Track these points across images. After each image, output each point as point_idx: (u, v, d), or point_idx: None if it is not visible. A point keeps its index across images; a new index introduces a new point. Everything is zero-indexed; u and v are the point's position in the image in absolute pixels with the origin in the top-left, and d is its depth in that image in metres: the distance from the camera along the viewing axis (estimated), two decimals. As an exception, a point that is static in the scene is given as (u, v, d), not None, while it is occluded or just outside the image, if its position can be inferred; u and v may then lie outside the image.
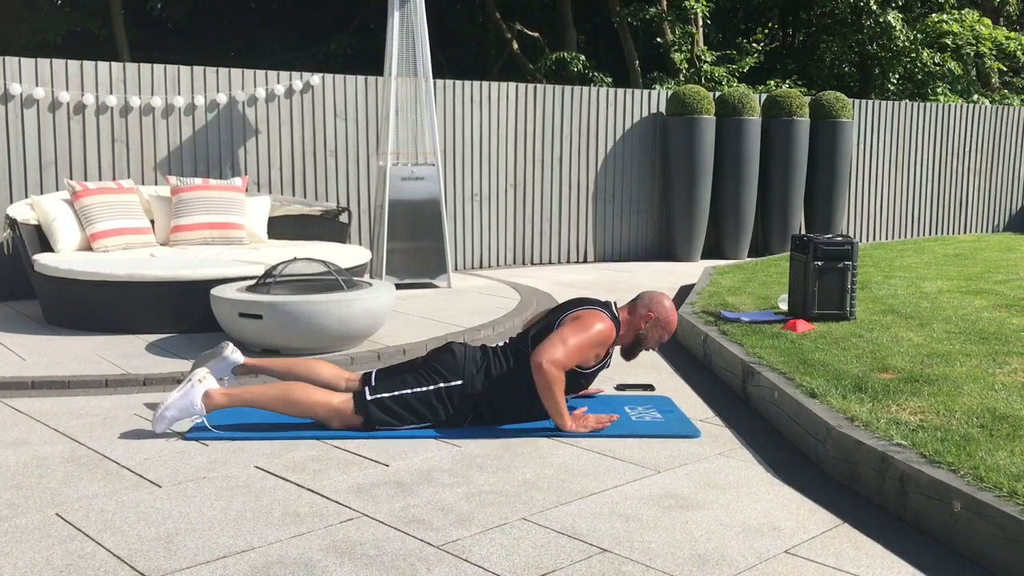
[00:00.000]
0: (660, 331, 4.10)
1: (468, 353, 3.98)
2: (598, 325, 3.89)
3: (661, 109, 10.65)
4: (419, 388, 3.88)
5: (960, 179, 12.75)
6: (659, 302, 4.09)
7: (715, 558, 2.71)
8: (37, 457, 3.60)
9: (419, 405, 3.87)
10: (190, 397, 3.78)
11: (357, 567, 2.64)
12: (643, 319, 4.06)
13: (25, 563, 2.65)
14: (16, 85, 7.20)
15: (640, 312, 4.07)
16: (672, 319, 4.10)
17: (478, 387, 3.89)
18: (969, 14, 16.27)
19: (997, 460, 3.00)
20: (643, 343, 4.11)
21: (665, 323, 4.09)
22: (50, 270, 6.01)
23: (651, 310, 4.07)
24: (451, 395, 3.89)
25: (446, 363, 3.93)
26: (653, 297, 4.11)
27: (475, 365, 3.94)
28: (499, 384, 3.91)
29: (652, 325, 4.07)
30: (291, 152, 8.45)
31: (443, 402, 3.88)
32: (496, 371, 3.93)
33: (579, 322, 3.89)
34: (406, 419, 3.87)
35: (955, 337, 5.15)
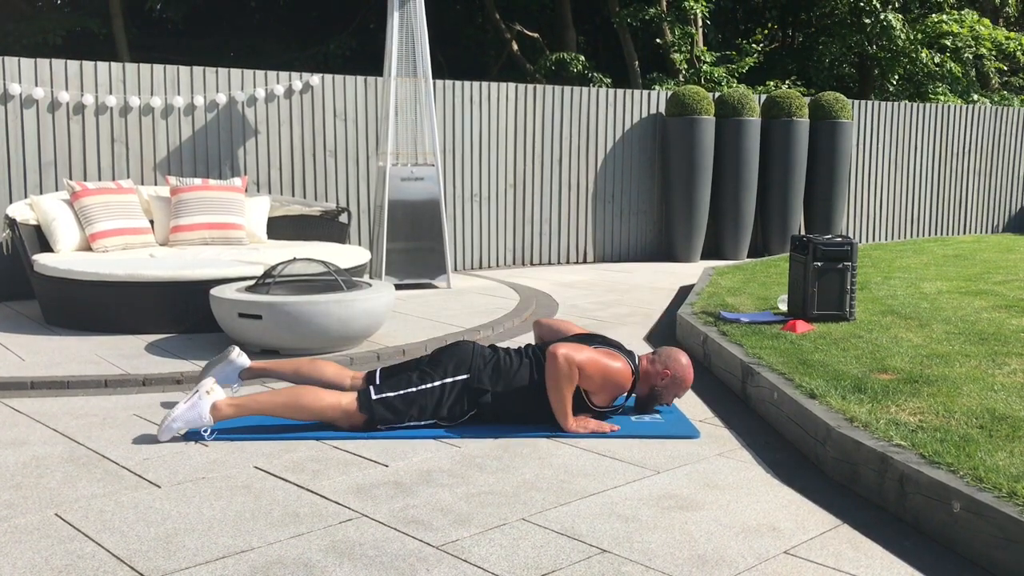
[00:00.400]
0: (676, 388, 4.13)
1: (477, 349, 4.00)
2: (618, 364, 3.94)
3: (661, 110, 10.66)
4: (424, 385, 3.88)
5: (959, 180, 12.76)
6: (676, 359, 4.11)
7: (714, 559, 2.71)
8: (36, 457, 3.60)
9: (424, 401, 3.87)
10: (197, 409, 3.76)
11: (356, 567, 2.64)
12: (660, 376, 4.08)
13: (24, 563, 2.65)
14: (16, 85, 7.19)
15: (658, 369, 4.09)
16: (688, 377, 4.13)
17: (485, 383, 3.90)
18: (968, 15, 16.28)
19: (996, 461, 3.00)
20: (659, 399, 4.14)
21: (682, 381, 4.12)
22: (49, 270, 6.01)
23: (668, 367, 4.09)
24: (456, 390, 3.89)
25: (454, 357, 3.94)
26: (671, 355, 4.13)
27: (483, 360, 3.95)
28: (506, 382, 3.92)
29: (669, 382, 4.09)
30: (291, 152, 8.45)
31: (447, 397, 3.88)
32: (504, 368, 3.95)
33: (603, 352, 3.94)
34: (410, 416, 3.87)
35: (954, 338, 5.15)
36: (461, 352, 3.98)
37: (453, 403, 3.90)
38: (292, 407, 3.80)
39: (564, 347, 3.82)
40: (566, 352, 3.79)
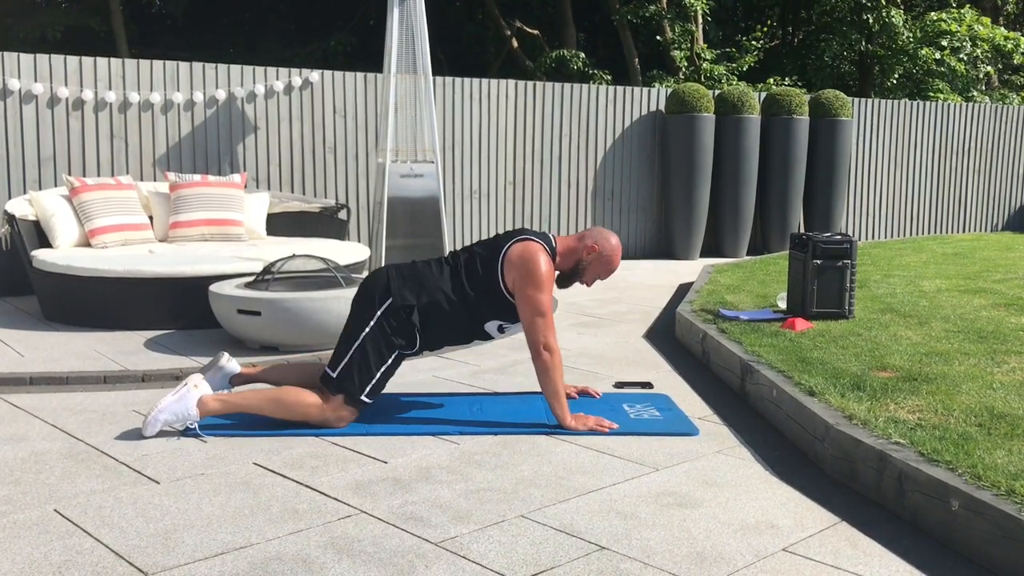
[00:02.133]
0: (600, 267, 4.06)
1: (391, 270, 3.95)
2: (543, 262, 3.85)
3: (660, 107, 10.65)
4: (364, 330, 3.84)
5: (959, 178, 12.76)
6: (606, 238, 4.06)
7: (713, 556, 2.71)
8: (35, 453, 3.60)
9: (374, 343, 3.83)
10: (184, 402, 3.77)
11: (355, 564, 2.64)
12: (587, 250, 4.03)
13: (23, 559, 2.65)
14: (15, 81, 7.19)
15: (586, 243, 4.04)
16: (615, 258, 4.07)
17: (408, 298, 3.86)
18: (968, 13, 16.27)
19: (995, 459, 3.00)
20: (580, 274, 4.08)
21: (608, 260, 4.05)
22: (48, 266, 6.01)
23: (596, 243, 4.04)
24: (389, 317, 3.85)
25: (374, 290, 3.89)
26: (602, 232, 4.09)
27: (401, 278, 3.90)
28: (428, 292, 3.87)
29: (595, 258, 4.04)
30: (290, 149, 8.44)
31: (388, 327, 3.84)
32: (423, 277, 3.90)
33: (530, 272, 3.82)
34: (374, 365, 3.83)
35: (954, 336, 5.15)
36: (375, 281, 3.92)
37: (396, 330, 3.85)
38: (277, 403, 3.82)
39: (533, 337, 3.79)
40: (542, 344, 3.79)
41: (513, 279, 3.87)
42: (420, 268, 3.96)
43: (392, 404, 4.28)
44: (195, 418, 3.79)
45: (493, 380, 4.82)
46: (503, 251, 3.91)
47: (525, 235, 3.96)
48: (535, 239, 3.94)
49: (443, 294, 3.90)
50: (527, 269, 3.84)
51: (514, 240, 3.93)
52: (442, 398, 4.42)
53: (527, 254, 3.86)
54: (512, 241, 3.93)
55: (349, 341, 3.86)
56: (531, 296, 3.83)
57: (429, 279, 3.91)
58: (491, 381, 4.80)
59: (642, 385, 4.70)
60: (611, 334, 6.05)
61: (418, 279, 3.91)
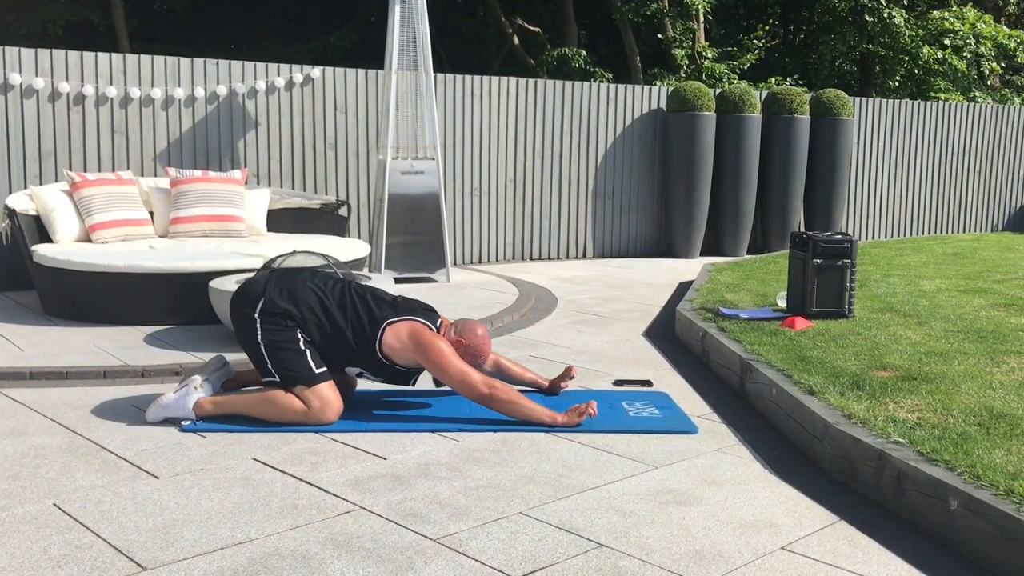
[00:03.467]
0: (470, 358, 4.09)
1: (263, 278, 4.05)
2: (431, 336, 3.91)
3: (661, 105, 10.65)
4: (257, 335, 3.91)
5: (959, 178, 12.75)
6: (472, 330, 4.10)
7: (712, 554, 2.72)
8: (35, 447, 3.60)
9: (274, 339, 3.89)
10: (183, 402, 3.93)
11: (354, 560, 2.64)
12: (456, 344, 4.07)
13: (22, 553, 2.65)
14: (16, 75, 7.18)
15: (453, 337, 4.09)
16: (483, 347, 4.10)
17: (280, 304, 3.93)
18: (970, 11, 16.26)
19: (994, 458, 3.00)
20: None
21: (476, 349, 4.09)
22: (49, 261, 6.01)
23: (462, 337, 4.08)
24: (266, 317, 3.92)
25: (247, 298, 3.99)
26: (467, 325, 4.12)
27: (275, 288, 3.98)
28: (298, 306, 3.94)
29: (463, 351, 4.07)
30: (291, 145, 8.44)
31: (273, 324, 3.91)
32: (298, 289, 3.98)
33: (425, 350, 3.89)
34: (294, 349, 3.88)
35: (953, 336, 5.15)
36: (251, 288, 4.01)
37: (280, 323, 3.92)
38: (264, 404, 3.89)
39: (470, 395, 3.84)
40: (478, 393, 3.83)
41: (410, 357, 3.93)
42: (299, 286, 4.02)
43: (391, 401, 4.29)
44: (192, 418, 3.92)
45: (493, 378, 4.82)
46: (385, 323, 3.95)
47: (410, 315, 4.00)
48: (420, 320, 3.99)
49: (315, 320, 3.96)
50: (422, 346, 3.89)
51: (399, 318, 3.97)
52: (441, 395, 4.42)
53: (416, 333, 3.92)
54: (397, 319, 3.97)
55: (255, 351, 3.94)
56: (440, 363, 3.87)
57: (305, 299, 3.98)
58: (491, 378, 4.80)
59: (641, 383, 4.70)
60: (611, 332, 6.05)
61: (294, 295, 3.98)
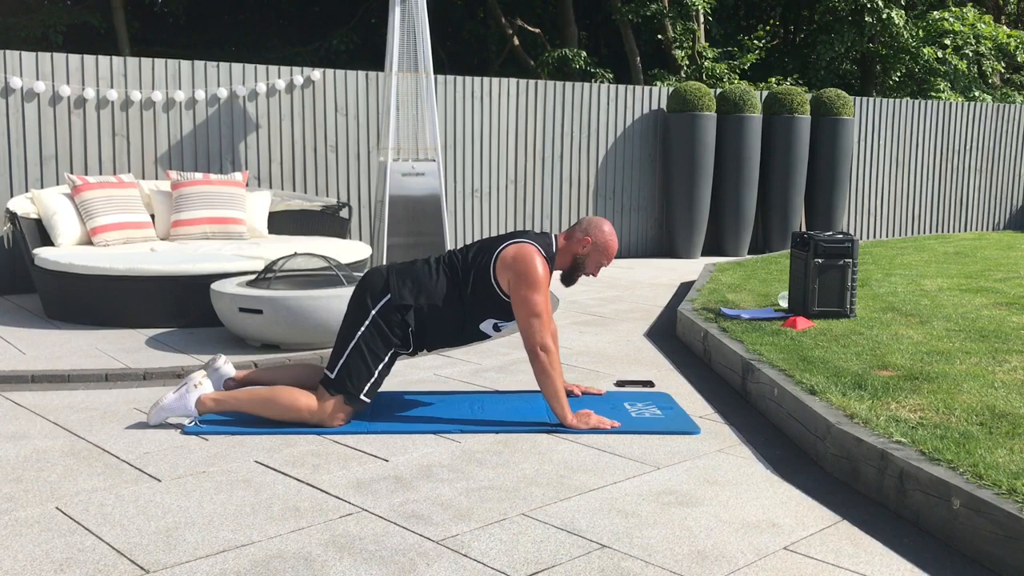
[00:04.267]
0: (599, 256, 4.03)
1: (391, 268, 3.97)
2: (538, 263, 3.84)
3: (662, 106, 10.65)
4: (360, 329, 3.86)
5: (961, 177, 12.75)
6: (598, 227, 4.02)
7: (714, 554, 2.71)
8: (37, 451, 3.60)
9: (370, 342, 3.85)
10: (185, 400, 3.89)
11: (356, 562, 2.64)
12: (580, 244, 4.01)
13: (25, 556, 2.65)
14: (17, 79, 7.19)
15: (578, 237, 4.01)
16: (611, 244, 4.03)
17: (407, 298, 3.87)
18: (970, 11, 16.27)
19: (996, 458, 3.00)
20: (581, 268, 4.06)
21: (604, 247, 4.02)
22: (50, 264, 6.01)
23: (588, 234, 4.01)
24: (385, 315, 3.86)
25: (371, 287, 3.91)
26: (592, 221, 4.05)
27: (399, 276, 3.91)
28: (427, 294, 3.88)
29: (591, 250, 4.01)
30: (292, 147, 8.45)
31: (384, 326, 3.85)
32: (423, 279, 3.91)
33: (524, 273, 3.82)
34: (371, 361, 3.84)
35: (955, 335, 5.15)
36: (372, 279, 3.93)
37: (393, 328, 3.86)
38: (269, 403, 3.86)
39: (529, 338, 3.78)
40: (539, 345, 3.78)
41: (507, 280, 3.86)
42: (419, 267, 3.96)
43: (393, 402, 4.29)
44: (194, 416, 3.89)
45: (494, 378, 4.83)
46: (497, 251, 3.90)
47: (522, 237, 3.95)
48: (530, 241, 3.93)
49: (440, 294, 3.90)
50: (520, 270, 3.83)
51: (509, 242, 3.93)
52: (443, 396, 4.42)
53: (520, 255, 3.85)
54: (507, 243, 3.92)
55: (345, 341, 3.88)
56: (525, 297, 3.82)
57: (427, 279, 3.92)
58: (492, 379, 4.81)
59: (643, 384, 4.70)
60: (612, 332, 6.05)
61: (416, 279, 3.92)
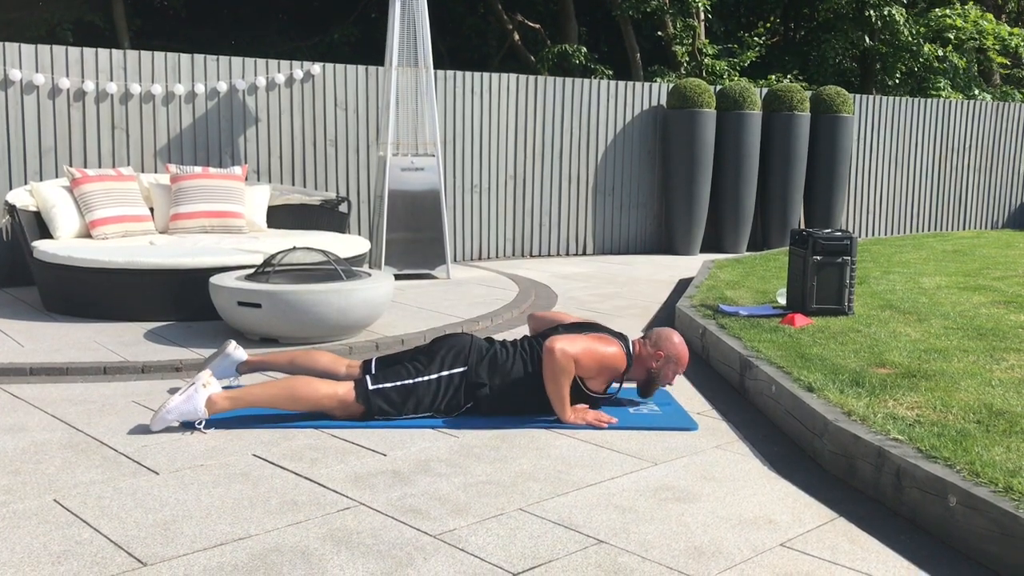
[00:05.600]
0: (673, 367, 4.12)
1: (475, 342, 4.03)
2: (613, 349, 3.96)
3: (662, 102, 10.64)
4: (422, 377, 3.90)
5: (960, 175, 12.75)
6: (668, 339, 4.12)
7: (711, 550, 2.72)
8: (35, 443, 3.60)
9: (421, 393, 3.89)
10: (193, 402, 3.73)
11: (354, 555, 2.65)
12: (653, 358, 4.09)
13: (23, 548, 2.65)
14: (16, 71, 7.18)
15: (649, 351, 4.10)
16: (682, 354, 4.13)
17: (483, 376, 3.93)
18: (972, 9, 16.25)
19: (993, 455, 3.01)
20: (657, 380, 4.14)
21: (676, 359, 4.12)
22: (49, 257, 6.01)
23: (660, 348, 4.10)
24: (453, 383, 3.92)
25: (452, 349, 3.97)
26: (662, 335, 4.13)
27: (479, 353, 3.98)
28: (502, 375, 3.94)
29: (664, 363, 4.10)
30: (291, 141, 8.44)
31: (444, 390, 3.90)
32: (501, 361, 3.97)
33: (596, 338, 3.97)
34: (407, 408, 3.88)
35: (953, 333, 5.16)
36: (459, 344, 3.99)
37: (451, 396, 3.92)
38: (288, 398, 3.79)
39: (560, 340, 3.84)
40: (562, 346, 3.82)
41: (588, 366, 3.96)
42: (498, 352, 4.03)
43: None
44: (204, 416, 3.74)
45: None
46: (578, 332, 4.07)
47: (606, 330, 4.12)
48: (612, 335, 4.09)
49: (515, 376, 3.97)
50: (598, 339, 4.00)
51: (597, 330, 4.10)
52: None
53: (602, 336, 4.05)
54: (594, 330, 4.09)
55: (404, 373, 3.91)
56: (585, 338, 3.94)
57: (503, 363, 3.99)
58: (490, 375, 4.80)
59: (641, 380, 4.70)
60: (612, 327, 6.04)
61: (494, 361, 3.98)
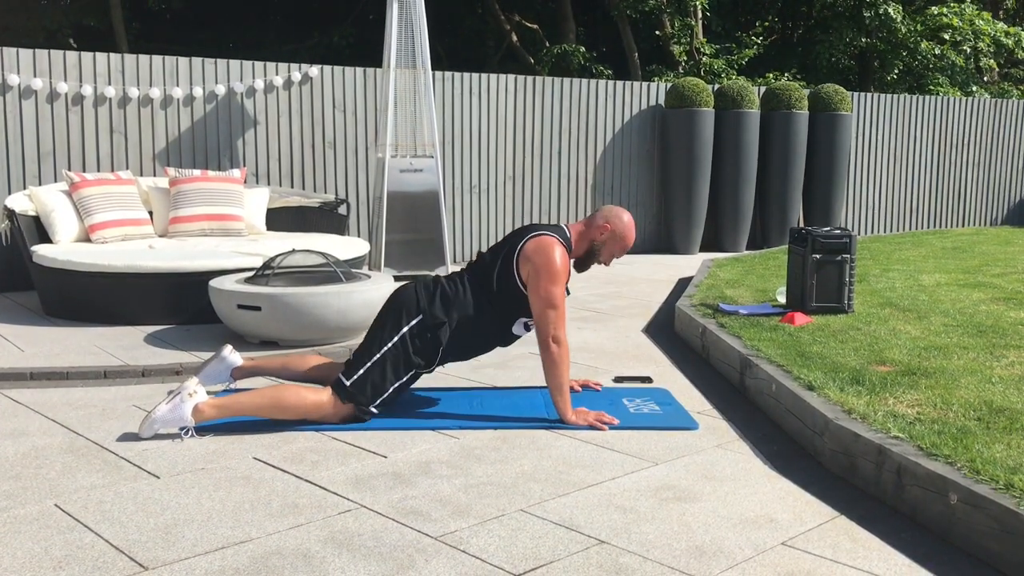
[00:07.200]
0: (615, 244, 4.04)
1: (419, 288, 3.96)
2: (557, 255, 3.85)
3: (660, 101, 10.65)
4: (386, 346, 3.85)
5: (958, 172, 12.75)
6: (618, 216, 4.03)
7: (712, 550, 2.72)
8: (36, 448, 3.60)
9: (394, 360, 3.84)
10: (179, 411, 3.70)
11: (355, 558, 2.65)
12: (599, 230, 4.01)
13: (24, 553, 2.65)
14: (14, 76, 7.18)
15: (598, 223, 4.02)
16: (629, 234, 4.04)
17: (439, 315, 3.87)
18: (968, 7, 16.26)
19: (994, 453, 3.01)
20: (596, 255, 4.06)
21: (621, 237, 4.03)
22: (48, 261, 6.01)
23: (608, 222, 4.01)
24: (417, 334, 3.86)
25: (401, 306, 3.90)
26: (612, 210, 4.05)
27: (428, 296, 3.92)
28: (458, 310, 3.89)
29: (608, 237, 4.02)
30: (290, 144, 8.44)
31: (412, 345, 3.85)
32: (451, 296, 3.91)
33: (544, 264, 3.83)
34: (388, 379, 3.84)
35: (953, 330, 5.16)
36: (405, 297, 3.93)
37: (421, 347, 3.87)
38: (274, 407, 3.78)
39: (543, 329, 3.79)
40: (552, 336, 3.79)
41: (528, 272, 3.87)
42: (445, 286, 3.97)
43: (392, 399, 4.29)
44: (190, 424, 3.71)
45: (493, 375, 4.83)
46: (519, 247, 3.91)
47: (538, 230, 3.96)
48: (549, 233, 3.94)
49: (469, 304, 3.92)
50: (540, 261, 3.83)
51: (529, 236, 3.93)
52: (442, 393, 4.43)
53: (541, 247, 3.86)
54: (527, 237, 3.93)
55: (368, 354, 3.86)
56: (543, 287, 3.83)
57: (455, 296, 3.93)
58: (491, 376, 4.81)
59: (641, 379, 4.71)
60: (611, 328, 6.05)
61: (445, 297, 3.93)
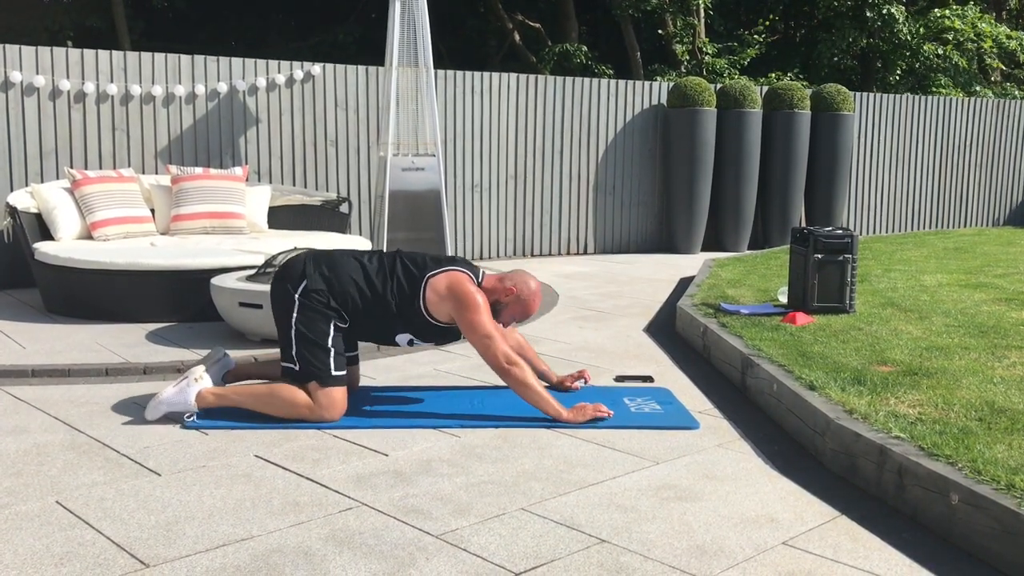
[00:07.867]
0: (516, 308, 4.09)
1: (308, 255, 4.01)
2: (471, 289, 3.91)
3: (662, 101, 10.64)
4: (293, 315, 3.89)
5: (961, 173, 12.75)
6: (525, 282, 4.10)
7: (713, 549, 2.72)
8: (37, 445, 3.60)
9: (307, 324, 3.87)
10: (185, 395, 3.89)
11: (356, 556, 2.65)
12: (506, 292, 4.06)
13: (25, 550, 2.65)
14: (17, 73, 7.19)
15: (506, 284, 4.08)
16: (532, 302, 4.10)
17: (319, 283, 3.90)
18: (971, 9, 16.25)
19: (995, 453, 3.01)
20: (497, 315, 4.09)
21: (525, 302, 4.08)
22: (50, 258, 6.01)
23: (516, 286, 4.07)
24: (307, 296, 3.89)
25: (288, 274, 3.96)
26: (523, 276, 4.12)
27: (314, 262, 3.96)
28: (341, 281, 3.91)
29: (512, 300, 4.07)
30: (292, 142, 8.44)
31: (311, 305, 3.88)
32: (340, 266, 3.94)
33: (461, 298, 3.88)
34: (319, 339, 3.85)
35: (954, 330, 5.15)
36: (292, 265, 3.99)
37: (320, 305, 3.89)
38: (266, 402, 3.87)
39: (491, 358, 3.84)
40: (501, 359, 3.83)
41: (447, 311, 3.92)
42: (338, 257, 4.00)
43: (393, 397, 4.30)
44: (193, 410, 3.89)
45: (493, 374, 4.83)
46: (426, 278, 3.95)
47: (452, 266, 4.02)
48: (458, 269, 4.00)
49: (356, 288, 3.94)
50: (458, 298, 3.89)
51: (440, 270, 3.98)
52: (443, 391, 4.43)
53: (454, 284, 3.92)
54: (438, 271, 3.97)
55: (286, 332, 3.92)
56: (471, 321, 3.87)
57: (345, 269, 3.95)
58: (492, 375, 4.81)
59: (643, 379, 4.71)
60: (612, 328, 6.05)
61: (333, 266, 3.95)
